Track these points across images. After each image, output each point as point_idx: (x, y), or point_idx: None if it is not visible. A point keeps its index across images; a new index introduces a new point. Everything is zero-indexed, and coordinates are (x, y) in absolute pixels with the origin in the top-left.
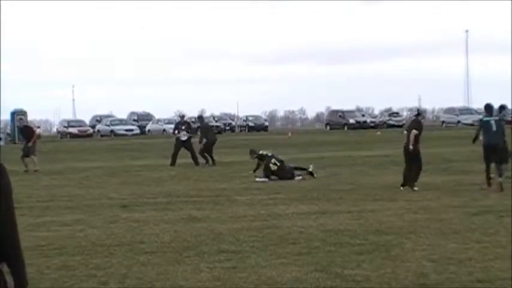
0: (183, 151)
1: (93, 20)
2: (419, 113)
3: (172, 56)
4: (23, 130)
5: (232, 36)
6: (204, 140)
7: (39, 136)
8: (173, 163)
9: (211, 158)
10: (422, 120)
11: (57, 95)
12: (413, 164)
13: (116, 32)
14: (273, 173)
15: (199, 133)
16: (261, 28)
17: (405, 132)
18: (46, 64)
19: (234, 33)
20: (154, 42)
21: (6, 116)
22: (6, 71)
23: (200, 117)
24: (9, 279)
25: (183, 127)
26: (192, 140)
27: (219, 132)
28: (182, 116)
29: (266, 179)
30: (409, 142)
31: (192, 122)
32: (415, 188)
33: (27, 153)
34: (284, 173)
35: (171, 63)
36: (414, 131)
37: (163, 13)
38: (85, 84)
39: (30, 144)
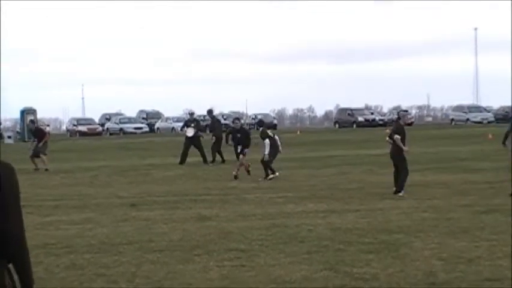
0: (192, 149)
1: (105, 19)
2: (399, 117)
3: (182, 55)
4: (35, 132)
5: (242, 35)
6: (213, 138)
7: (48, 134)
8: (182, 161)
9: (221, 156)
10: (402, 123)
11: (66, 93)
12: (400, 168)
13: (127, 31)
14: (269, 138)
15: (208, 131)
16: (270, 27)
17: (387, 138)
18: (55, 63)
19: (243, 32)
20: (164, 41)
21: (16, 115)
22: (15, 69)
23: (209, 112)
24: (17, 278)
25: (192, 125)
26: (202, 138)
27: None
28: (192, 114)
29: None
30: (399, 148)
31: (202, 120)
32: (400, 194)
33: (37, 153)
34: (276, 143)
35: (181, 62)
36: (396, 136)
37: (174, 13)
38: (94, 83)
39: (40, 144)
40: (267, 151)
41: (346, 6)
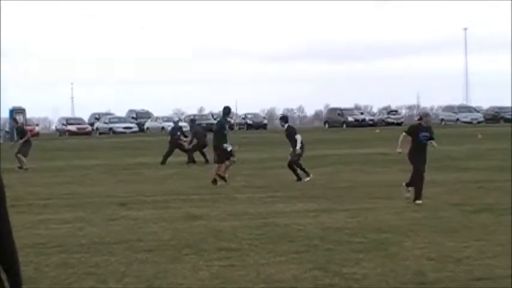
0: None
1: (93, 19)
2: (420, 117)
3: (171, 54)
4: (17, 129)
5: (231, 35)
6: (195, 141)
7: (37, 134)
8: (164, 162)
9: (204, 157)
10: (424, 124)
11: (56, 93)
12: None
13: (115, 31)
14: None
15: (191, 135)
16: (259, 27)
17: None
18: (45, 62)
19: (232, 32)
20: (153, 41)
21: (5, 114)
22: (5, 69)
23: (192, 121)
24: (5, 279)
25: (178, 133)
26: (184, 138)
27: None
28: (177, 122)
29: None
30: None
31: (191, 120)
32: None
33: (19, 150)
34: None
35: (170, 62)
36: (403, 134)
37: (163, 12)
38: (84, 83)
39: (21, 141)
40: (298, 145)
41: (335, 6)
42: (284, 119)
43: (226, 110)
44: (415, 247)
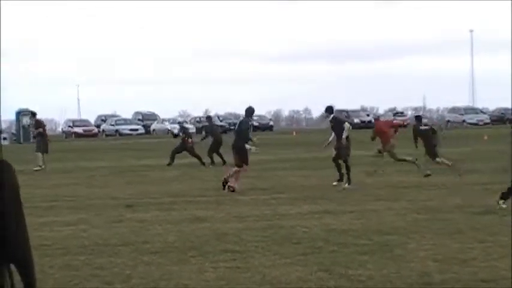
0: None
1: (99, 20)
2: None
3: (176, 55)
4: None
5: (237, 35)
6: (211, 140)
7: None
8: (171, 162)
9: (221, 158)
10: None
11: (62, 94)
12: None
13: (120, 32)
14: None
15: (203, 132)
16: (265, 27)
17: None
18: (51, 64)
19: (238, 32)
20: (159, 42)
21: (11, 116)
22: (11, 70)
23: (208, 118)
24: (18, 279)
25: (181, 132)
26: (190, 140)
27: (224, 132)
28: (181, 123)
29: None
30: None
31: (197, 121)
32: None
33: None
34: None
35: (176, 63)
36: None
37: (167, 12)
38: (90, 84)
39: (35, 131)
40: (345, 134)
41: (340, 6)
42: (329, 109)
43: (251, 110)
44: (420, 249)
